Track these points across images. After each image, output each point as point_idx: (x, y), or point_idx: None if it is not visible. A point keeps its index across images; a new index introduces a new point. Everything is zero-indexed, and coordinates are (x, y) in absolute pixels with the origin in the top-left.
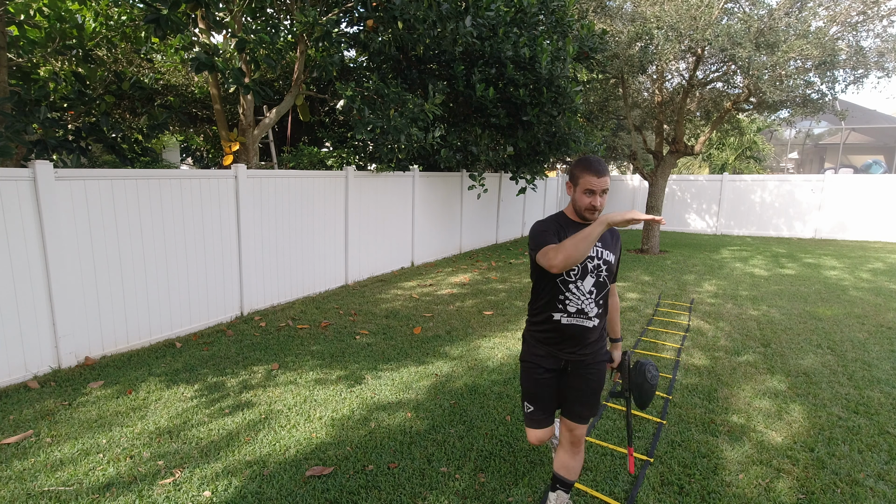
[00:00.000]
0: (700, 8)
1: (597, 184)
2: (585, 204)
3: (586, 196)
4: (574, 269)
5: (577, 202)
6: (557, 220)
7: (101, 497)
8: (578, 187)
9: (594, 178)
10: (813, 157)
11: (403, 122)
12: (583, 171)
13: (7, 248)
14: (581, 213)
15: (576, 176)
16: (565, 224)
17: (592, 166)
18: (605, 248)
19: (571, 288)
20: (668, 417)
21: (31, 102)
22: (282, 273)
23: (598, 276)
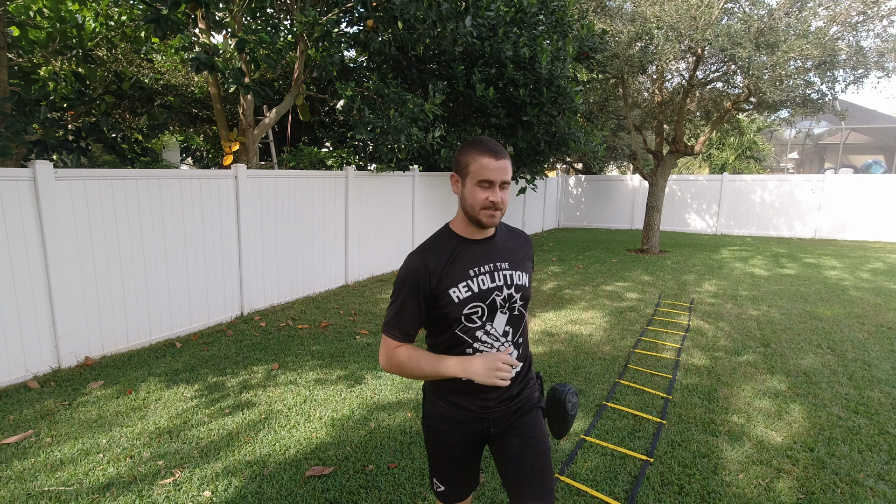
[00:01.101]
0: (700, 8)
1: (495, 169)
2: (480, 200)
3: (481, 190)
4: (477, 309)
5: (467, 201)
6: (439, 247)
7: (101, 497)
8: (469, 177)
9: (491, 161)
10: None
11: (403, 122)
12: (473, 153)
13: (7, 247)
14: (475, 216)
15: (463, 163)
16: (453, 248)
17: (486, 145)
18: (513, 267)
19: (479, 335)
20: (668, 417)
21: (32, 102)
22: (282, 273)
23: (511, 309)
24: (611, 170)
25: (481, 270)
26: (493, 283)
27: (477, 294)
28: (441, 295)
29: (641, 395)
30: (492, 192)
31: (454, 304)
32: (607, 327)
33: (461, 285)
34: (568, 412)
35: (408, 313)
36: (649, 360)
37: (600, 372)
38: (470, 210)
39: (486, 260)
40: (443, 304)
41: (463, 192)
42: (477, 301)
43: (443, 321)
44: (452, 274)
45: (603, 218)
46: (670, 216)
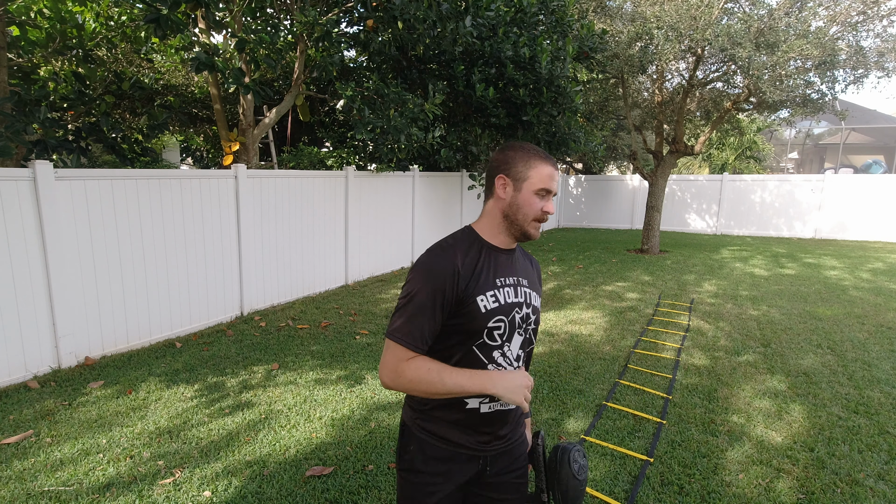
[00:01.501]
0: (700, 8)
1: (554, 179)
2: (536, 210)
3: (538, 199)
4: (500, 325)
5: (520, 209)
6: (466, 247)
7: (101, 497)
8: (527, 183)
9: (552, 170)
10: (813, 156)
11: (403, 122)
12: (534, 159)
13: (7, 248)
14: (523, 225)
15: (521, 167)
16: (478, 252)
17: (543, 152)
18: (531, 287)
19: (496, 356)
20: (668, 417)
21: (32, 102)
22: (282, 273)
23: (526, 330)
24: (611, 170)
25: (507, 282)
26: (517, 297)
27: (503, 306)
28: (467, 302)
29: (641, 395)
30: (548, 202)
31: (480, 315)
32: (607, 327)
33: (489, 294)
34: (574, 476)
35: (424, 320)
36: (649, 360)
37: (600, 372)
38: (521, 218)
39: (510, 272)
40: (466, 312)
41: (516, 198)
42: (502, 315)
43: (459, 334)
44: (481, 279)
45: (603, 218)
46: (670, 216)
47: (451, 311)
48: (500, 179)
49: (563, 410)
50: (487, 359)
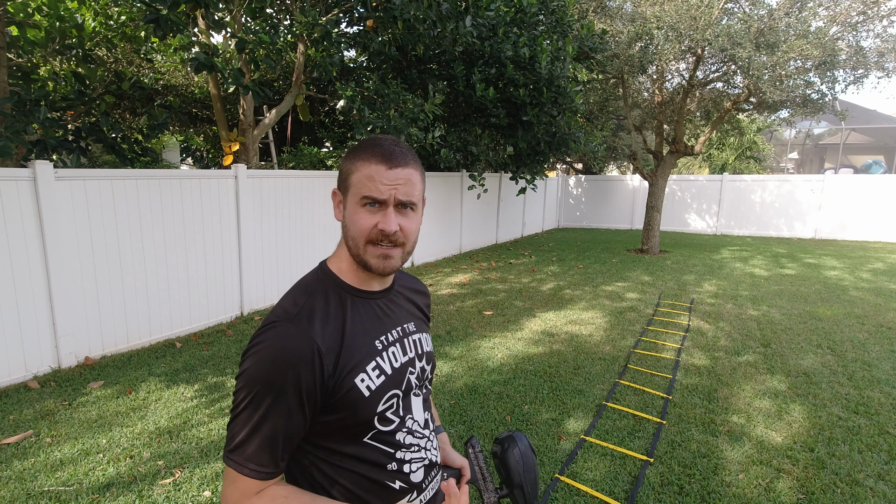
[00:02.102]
0: (700, 8)
1: (388, 180)
2: (365, 229)
3: (365, 213)
4: (393, 401)
5: (348, 231)
6: (323, 305)
7: (101, 497)
8: (351, 193)
9: (381, 168)
10: (813, 157)
11: (403, 122)
12: (360, 157)
13: (7, 248)
14: (357, 253)
15: (344, 172)
16: (341, 306)
17: (379, 145)
18: (419, 329)
19: (400, 438)
20: (668, 417)
21: (31, 102)
22: (282, 273)
23: (423, 387)
24: (611, 170)
25: (390, 338)
26: (406, 355)
27: (392, 376)
28: (342, 388)
29: (641, 395)
30: (382, 215)
31: (364, 401)
32: (607, 327)
33: (370, 368)
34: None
35: (278, 428)
36: (649, 361)
37: (600, 372)
38: (352, 245)
39: (391, 322)
40: (343, 403)
41: (345, 215)
42: (393, 388)
43: (340, 432)
44: (355, 350)
45: (603, 218)
46: (670, 216)
47: (321, 406)
48: (334, 196)
49: (563, 410)
50: (391, 445)
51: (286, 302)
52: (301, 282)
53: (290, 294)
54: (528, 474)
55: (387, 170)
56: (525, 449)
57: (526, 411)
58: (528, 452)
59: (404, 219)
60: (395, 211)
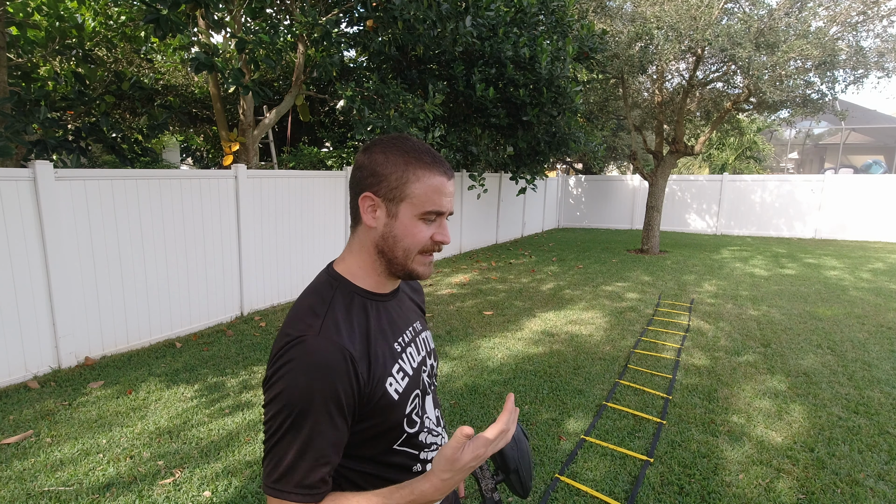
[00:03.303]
0: (700, 8)
1: (449, 194)
2: (422, 241)
3: (425, 225)
4: (415, 405)
5: (399, 242)
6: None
7: (101, 497)
8: (407, 204)
9: (444, 181)
10: (813, 157)
11: (403, 122)
12: (414, 165)
13: (7, 248)
14: (405, 263)
15: (394, 179)
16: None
17: (429, 154)
18: (423, 326)
19: (423, 439)
20: (668, 417)
21: (31, 102)
22: (282, 273)
23: (432, 383)
24: (611, 170)
25: (405, 339)
26: (420, 354)
27: (412, 378)
28: (375, 394)
29: (641, 396)
30: (440, 227)
31: (394, 405)
32: (607, 327)
33: (395, 371)
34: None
35: (325, 447)
36: (649, 361)
37: (600, 372)
38: (402, 255)
39: (404, 322)
40: (377, 409)
41: (391, 226)
42: (415, 389)
43: (373, 441)
44: (380, 355)
45: (603, 218)
46: (670, 216)
47: (357, 417)
48: (366, 200)
49: (563, 410)
50: (416, 447)
51: (304, 313)
52: (313, 289)
53: (306, 304)
54: (523, 460)
55: (447, 181)
56: (518, 435)
57: (526, 411)
58: (522, 438)
59: (447, 228)
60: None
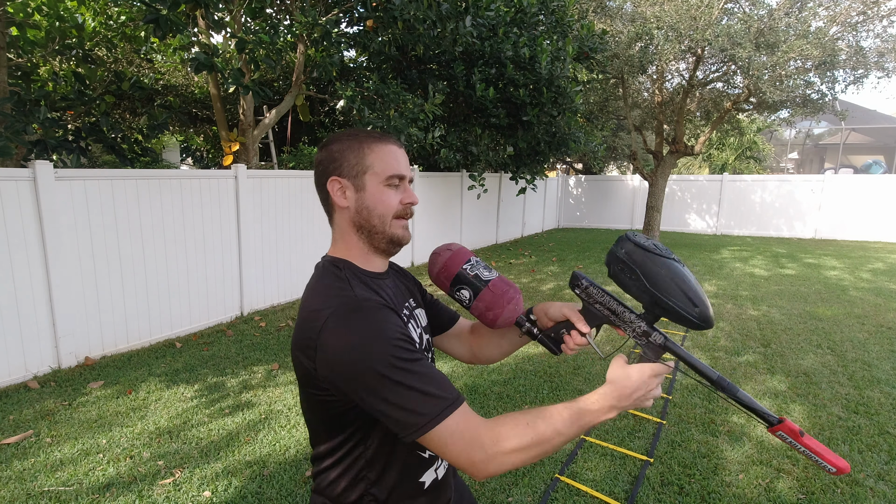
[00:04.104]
0: (700, 8)
1: (403, 160)
2: (394, 206)
3: (391, 191)
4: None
5: (373, 211)
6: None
7: (101, 497)
8: (370, 175)
9: (396, 148)
10: (813, 157)
11: (403, 122)
12: (368, 143)
13: (7, 248)
14: (384, 230)
15: (352, 159)
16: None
17: (376, 133)
18: (417, 304)
19: None
20: (668, 417)
21: (31, 102)
22: (282, 273)
23: (431, 357)
24: (611, 170)
25: (406, 314)
26: (418, 328)
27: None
28: None
29: None
30: (405, 191)
31: None
32: (607, 327)
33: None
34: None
35: (433, 369)
36: None
37: (600, 372)
38: (379, 223)
39: (402, 299)
40: None
41: (362, 199)
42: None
43: None
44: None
45: (603, 218)
46: (670, 216)
47: None
48: (333, 183)
49: None
50: None
51: (329, 291)
52: (322, 275)
53: (323, 286)
54: (671, 273)
55: (398, 149)
56: (644, 242)
57: None
58: (651, 244)
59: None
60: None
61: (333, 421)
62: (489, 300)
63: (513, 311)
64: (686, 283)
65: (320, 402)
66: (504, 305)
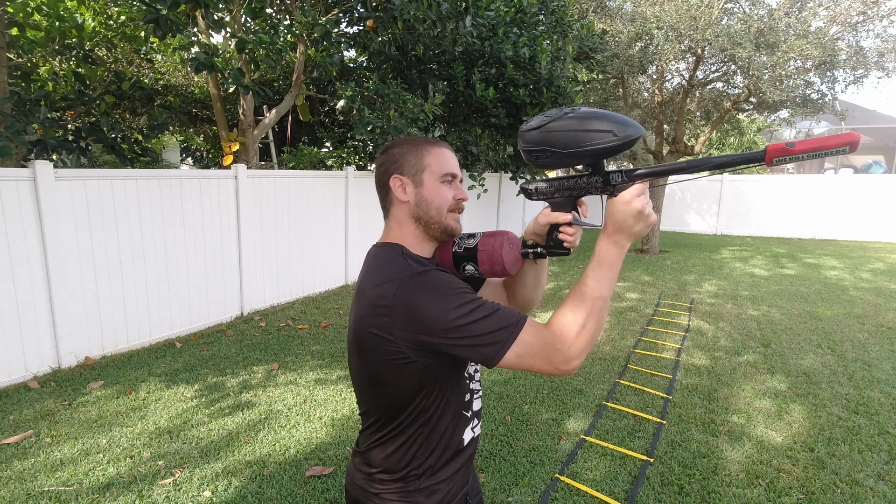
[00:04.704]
0: (700, 8)
1: (455, 161)
2: (449, 200)
3: (446, 187)
4: None
5: (431, 204)
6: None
7: (101, 497)
8: (427, 173)
9: (448, 152)
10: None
11: (403, 122)
12: (424, 145)
13: (7, 248)
14: (440, 221)
15: (412, 159)
16: (426, 264)
17: (436, 140)
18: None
19: (471, 372)
20: (668, 417)
21: (31, 102)
22: (282, 273)
23: None
24: None
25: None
26: None
27: None
28: None
29: (641, 395)
30: (457, 189)
31: None
32: (607, 327)
33: None
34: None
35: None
36: (649, 360)
37: (600, 372)
38: (436, 214)
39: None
40: None
41: (421, 193)
42: None
43: (452, 366)
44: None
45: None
46: (670, 216)
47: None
48: (395, 181)
49: (563, 410)
50: (470, 378)
51: (393, 271)
52: (382, 258)
53: (386, 267)
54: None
55: (450, 152)
56: (533, 123)
57: (526, 411)
58: (538, 120)
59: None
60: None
61: (403, 392)
62: (487, 256)
63: (511, 250)
64: (585, 122)
65: (395, 373)
66: (500, 250)
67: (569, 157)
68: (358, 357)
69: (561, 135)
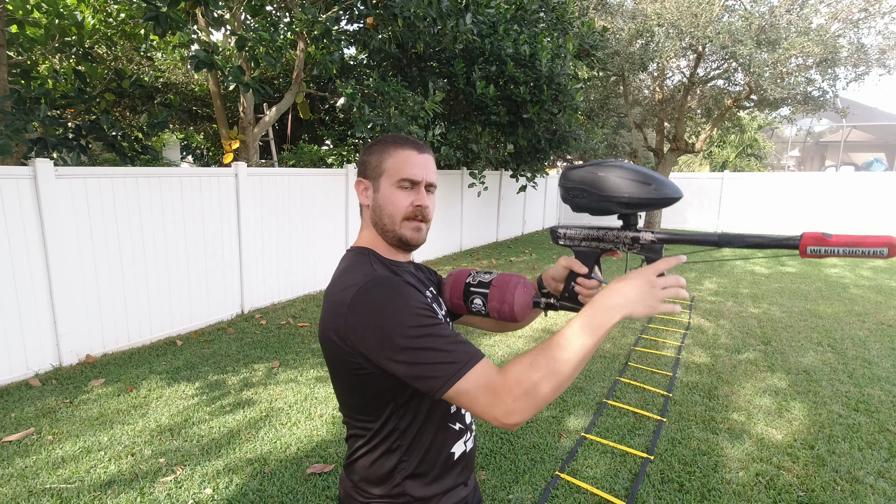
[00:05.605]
0: (701, 5)
1: (419, 164)
2: (402, 208)
3: (402, 192)
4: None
5: (384, 210)
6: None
7: (102, 494)
8: (385, 178)
9: (413, 153)
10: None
11: (404, 120)
12: (389, 147)
13: (8, 246)
14: (394, 229)
15: (374, 161)
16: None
17: (403, 137)
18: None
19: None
20: (668, 415)
21: (31, 100)
22: (282, 271)
23: None
24: None
25: (430, 297)
26: (441, 309)
27: None
28: None
29: (642, 393)
30: (417, 194)
31: None
32: None
33: None
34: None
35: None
36: (650, 358)
37: (601, 370)
38: (388, 222)
39: (424, 286)
40: None
41: (377, 199)
42: None
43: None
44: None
45: (603, 217)
46: (670, 214)
47: None
48: (359, 184)
49: (563, 408)
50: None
51: (355, 272)
52: (349, 261)
53: (350, 267)
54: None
55: (417, 155)
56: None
57: None
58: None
59: (429, 198)
60: (424, 190)
61: (372, 401)
62: (499, 294)
63: (524, 294)
64: (628, 171)
65: (357, 380)
66: (513, 290)
67: (605, 202)
68: (327, 363)
69: (599, 177)
